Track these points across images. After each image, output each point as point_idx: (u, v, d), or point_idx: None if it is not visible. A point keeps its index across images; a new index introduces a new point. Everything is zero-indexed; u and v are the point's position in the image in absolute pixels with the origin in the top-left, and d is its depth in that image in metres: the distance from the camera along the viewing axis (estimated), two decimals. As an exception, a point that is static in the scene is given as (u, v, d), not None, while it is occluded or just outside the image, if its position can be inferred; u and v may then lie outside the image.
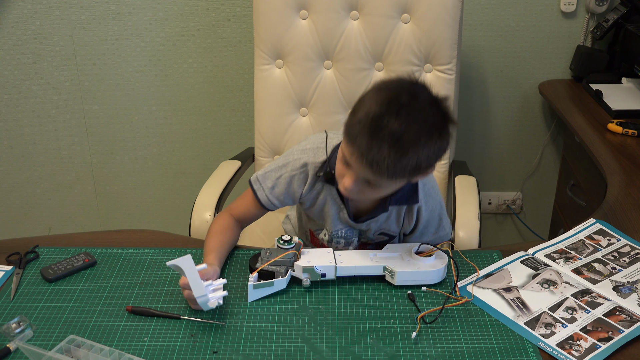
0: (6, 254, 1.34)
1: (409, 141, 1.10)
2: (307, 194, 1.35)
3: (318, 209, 1.38)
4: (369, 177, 1.16)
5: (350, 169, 1.18)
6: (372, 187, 1.19)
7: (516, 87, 2.37)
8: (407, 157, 1.10)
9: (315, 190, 1.35)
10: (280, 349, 1.10)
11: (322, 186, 1.34)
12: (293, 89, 1.87)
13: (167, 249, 1.37)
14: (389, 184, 1.19)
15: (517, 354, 1.09)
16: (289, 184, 1.34)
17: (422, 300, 1.22)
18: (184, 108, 2.44)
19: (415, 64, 1.80)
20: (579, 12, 2.25)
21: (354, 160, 1.14)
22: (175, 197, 2.60)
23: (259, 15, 1.84)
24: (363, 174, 1.16)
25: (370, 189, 1.20)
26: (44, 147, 2.53)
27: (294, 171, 1.34)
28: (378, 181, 1.16)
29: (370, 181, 1.17)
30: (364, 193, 1.22)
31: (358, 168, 1.15)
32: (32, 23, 2.31)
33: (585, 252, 1.35)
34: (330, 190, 1.34)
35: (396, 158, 1.10)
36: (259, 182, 1.36)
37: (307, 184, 1.34)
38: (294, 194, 1.35)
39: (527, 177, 2.53)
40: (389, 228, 1.39)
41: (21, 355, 1.08)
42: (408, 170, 1.13)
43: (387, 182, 1.17)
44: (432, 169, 1.19)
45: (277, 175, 1.35)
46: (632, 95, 2.09)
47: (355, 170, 1.17)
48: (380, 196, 1.27)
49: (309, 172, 1.33)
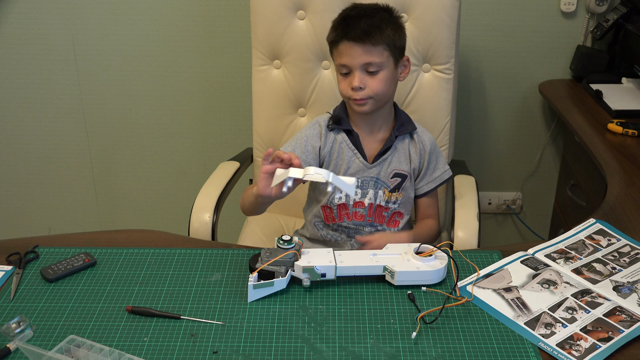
0: (6, 254, 1.34)
1: (372, 10, 1.48)
2: (324, 145, 1.56)
3: (336, 161, 1.55)
4: (361, 56, 1.43)
5: (349, 76, 1.46)
6: (372, 73, 1.45)
7: (516, 87, 2.37)
8: (377, 19, 1.45)
9: (330, 141, 1.56)
10: (280, 349, 1.10)
11: (335, 136, 1.56)
12: (291, 90, 1.87)
13: (167, 249, 1.37)
14: (379, 57, 1.44)
15: (517, 354, 1.09)
16: (307, 141, 1.55)
17: (422, 300, 1.22)
18: (183, 108, 2.44)
19: (414, 64, 1.80)
20: (579, 12, 2.25)
21: (344, 49, 1.45)
22: (175, 197, 2.60)
23: (256, 16, 1.84)
24: (357, 59, 1.44)
25: (372, 78, 1.46)
26: (44, 147, 2.53)
27: (307, 130, 1.57)
28: (371, 57, 1.43)
29: (367, 66, 1.44)
30: (370, 85, 1.46)
31: (351, 54, 1.44)
32: (32, 23, 2.31)
33: (585, 252, 1.35)
34: (343, 138, 1.55)
35: (369, 23, 1.43)
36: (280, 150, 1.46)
37: (322, 136, 1.56)
38: (314, 149, 1.55)
39: (527, 177, 2.53)
40: (399, 167, 1.56)
41: (21, 355, 1.08)
42: (384, 34, 1.44)
43: (378, 54, 1.44)
44: (404, 54, 1.52)
45: (294, 140, 1.56)
46: (632, 95, 2.09)
47: (350, 62, 1.44)
48: (383, 84, 1.47)
49: (322, 126, 1.57)
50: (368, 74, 1.46)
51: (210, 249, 1.38)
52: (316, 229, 1.62)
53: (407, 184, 1.57)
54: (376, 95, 1.48)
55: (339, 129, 1.56)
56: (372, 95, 1.47)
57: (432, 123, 1.83)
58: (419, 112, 1.84)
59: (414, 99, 1.83)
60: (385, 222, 1.58)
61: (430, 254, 1.27)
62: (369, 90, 1.46)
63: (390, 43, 1.46)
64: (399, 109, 1.60)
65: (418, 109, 1.83)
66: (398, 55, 1.50)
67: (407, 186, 1.58)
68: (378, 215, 1.58)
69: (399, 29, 1.49)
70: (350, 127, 1.55)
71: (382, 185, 1.56)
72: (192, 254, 1.36)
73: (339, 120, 1.56)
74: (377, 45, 1.44)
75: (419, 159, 1.57)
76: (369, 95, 1.47)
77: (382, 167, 1.55)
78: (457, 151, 2.17)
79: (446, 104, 1.82)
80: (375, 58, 1.45)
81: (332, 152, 1.56)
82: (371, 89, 1.46)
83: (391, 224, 1.59)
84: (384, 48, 1.45)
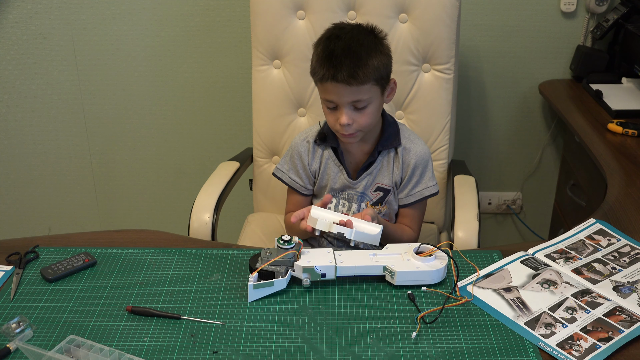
0: (6, 254, 1.34)
1: (358, 47, 1.40)
2: (312, 162, 1.57)
3: (322, 176, 1.57)
4: (349, 95, 1.40)
5: (336, 110, 1.44)
6: (359, 110, 1.43)
7: (516, 87, 2.37)
8: (363, 59, 1.39)
9: (317, 156, 1.57)
10: (280, 349, 1.10)
11: (322, 152, 1.57)
12: (291, 90, 1.87)
13: (167, 249, 1.38)
14: (367, 93, 1.41)
15: (517, 354, 1.09)
16: (299, 158, 1.57)
17: (422, 300, 1.22)
18: (183, 108, 2.44)
19: (413, 64, 1.80)
20: (579, 12, 2.25)
21: (331, 88, 1.41)
22: (175, 197, 2.60)
23: (256, 16, 1.84)
24: (344, 97, 1.40)
25: (360, 113, 1.43)
26: (44, 147, 2.53)
27: (298, 146, 1.58)
28: (358, 95, 1.40)
29: (354, 104, 1.42)
30: (358, 121, 1.43)
31: (338, 93, 1.40)
32: (32, 23, 2.31)
33: (585, 252, 1.35)
34: (329, 154, 1.56)
35: (355, 62, 1.38)
36: (280, 170, 1.61)
37: (310, 152, 1.57)
38: (305, 166, 1.57)
39: (527, 177, 2.53)
40: (382, 181, 1.54)
41: (21, 355, 1.08)
42: (371, 70, 1.39)
43: (365, 92, 1.40)
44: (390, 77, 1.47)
45: (288, 157, 1.60)
46: (632, 95, 2.09)
47: (338, 100, 1.41)
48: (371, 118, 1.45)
49: (310, 143, 1.57)
50: (356, 109, 1.43)
51: (210, 249, 1.38)
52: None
53: (391, 197, 1.56)
54: (364, 128, 1.46)
55: (325, 145, 1.56)
56: (360, 129, 1.45)
57: (432, 123, 1.83)
58: (418, 112, 1.84)
59: (414, 99, 1.83)
60: None
61: (430, 254, 1.27)
62: (357, 125, 1.44)
63: (377, 77, 1.42)
64: (389, 121, 1.55)
65: (418, 109, 1.83)
66: (385, 84, 1.46)
67: (391, 199, 1.56)
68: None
69: (385, 57, 1.44)
70: (336, 144, 1.55)
71: (366, 198, 1.56)
72: (192, 254, 1.36)
73: (325, 138, 1.55)
74: (365, 84, 1.40)
75: (401, 173, 1.54)
76: (357, 130, 1.45)
77: (366, 181, 1.55)
78: (457, 151, 2.17)
79: (446, 104, 1.82)
80: (363, 95, 1.41)
81: (319, 168, 1.58)
82: (359, 123, 1.44)
83: None
84: (371, 84, 1.41)
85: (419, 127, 1.84)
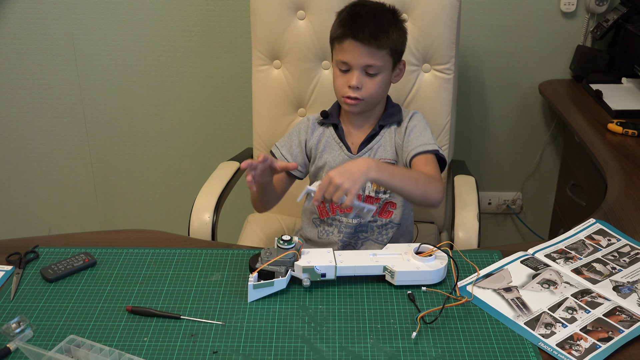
0: (6, 254, 1.34)
1: (380, 11, 1.47)
2: (310, 138, 1.58)
3: (321, 154, 1.58)
4: (365, 57, 1.43)
5: (347, 74, 1.47)
6: (370, 75, 1.46)
7: (516, 87, 2.37)
8: (385, 25, 1.44)
9: (317, 134, 1.59)
10: (280, 349, 1.10)
11: (323, 130, 1.59)
12: (291, 90, 1.87)
13: (167, 249, 1.38)
14: (381, 60, 1.45)
15: (517, 354, 1.09)
16: (297, 133, 1.60)
17: (422, 300, 1.22)
18: (183, 108, 2.44)
19: (413, 64, 1.80)
20: (579, 12, 2.25)
21: (349, 47, 1.44)
22: (175, 197, 2.60)
23: (256, 16, 1.84)
24: (360, 60, 1.44)
25: (370, 80, 1.46)
26: (44, 147, 2.53)
27: (300, 123, 1.62)
28: (373, 59, 1.44)
29: (367, 67, 1.45)
30: (367, 87, 1.47)
31: (354, 53, 1.44)
32: (32, 23, 2.31)
33: (585, 252, 1.35)
34: (330, 133, 1.58)
35: (377, 25, 1.43)
36: (276, 147, 1.62)
37: (310, 129, 1.59)
38: (300, 142, 1.59)
39: (527, 177, 2.53)
40: (385, 155, 1.55)
41: (21, 355, 1.08)
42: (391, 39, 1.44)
43: (381, 58, 1.45)
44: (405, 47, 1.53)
45: (287, 136, 1.62)
46: (632, 95, 2.09)
47: (352, 60, 1.44)
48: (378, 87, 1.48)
49: (310, 120, 1.60)
50: (367, 75, 1.47)
51: (210, 249, 1.38)
52: (314, 226, 1.62)
53: None
54: (369, 98, 1.49)
55: (327, 123, 1.59)
56: (365, 97, 1.48)
57: (432, 123, 1.83)
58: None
59: (413, 99, 1.83)
60: (377, 213, 1.58)
61: (430, 254, 1.27)
62: (365, 92, 1.47)
63: (394, 48, 1.47)
64: (392, 103, 1.60)
65: (418, 108, 1.83)
66: (397, 60, 1.51)
67: None
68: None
69: (402, 34, 1.51)
70: (337, 121, 1.58)
71: None
72: (192, 254, 1.36)
73: (327, 115, 1.59)
74: (382, 50, 1.45)
75: (403, 136, 1.54)
76: (363, 97, 1.47)
77: (367, 155, 1.56)
78: (457, 151, 2.17)
79: (446, 103, 1.82)
80: (377, 61, 1.45)
81: (318, 145, 1.59)
82: (367, 90, 1.47)
83: (384, 214, 1.58)
84: (387, 52, 1.46)
85: (419, 127, 1.84)
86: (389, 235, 1.59)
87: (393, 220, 1.58)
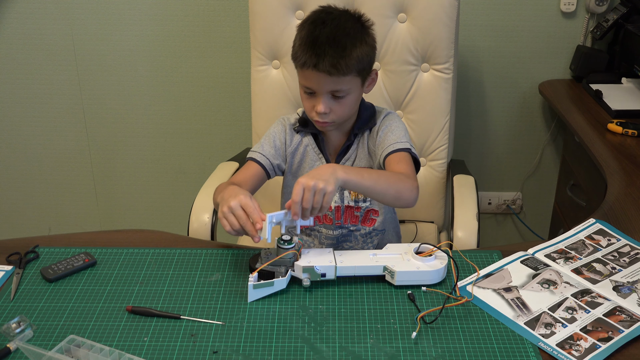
0: (6, 254, 1.34)
1: (342, 36, 1.35)
2: (289, 144, 1.54)
3: (299, 163, 1.54)
4: (329, 85, 1.36)
5: (314, 97, 1.40)
6: (338, 98, 1.39)
7: (516, 87, 2.37)
8: (347, 49, 1.34)
9: (295, 142, 1.54)
10: (280, 349, 1.10)
11: (301, 139, 1.54)
12: (290, 90, 1.87)
13: (167, 249, 1.38)
14: (347, 84, 1.38)
15: (517, 354, 1.09)
16: (274, 138, 1.54)
17: (422, 300, 1.22)
18: (182, 108, 2.44)
19: (412, 63, 1.80)
20: (579, 12, 2.25)
21: (311, 75, 1.36)
22: (175, 197, 2.60)
23: (255, 16, 1.84)
24: (324, 86, 1.37)
25: (338, 103, 1.40)
26: (44, 147, 2.53)
27: (273, 127, 1.56)
28: (338, 85, 1.37)
29: (333, 92, 1.38)
30: (335, 110, 1.41)
31: (317, 82, 1.37)
32: (32, 23, 2.31)
33: (585, 252, 1.35)
34: (309, 141, 1.54)
35: (338, 52, 1.33)
36: (253, 150, 1.54)
37: (287, 135, 1.54)
38: (280, 147, 1.54)
39: (527, 177, 2.53)
40: (361, 164, 1.52)
41: (21, 355, 1.08)
42: (354, 61, 1.35)
43: (346, 83, 1.37)
44: (372, 68, 1.43)
45: (263, 138, 1.55)
46: (632, 95, 2.09)
47: (317, 88, 1.38)
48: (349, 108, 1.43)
49: (286, 126, 1.55)
50: (334, 98, 1.39)
51: (210, 249, 1.38)
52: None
53: None
54: (339, 119, 1.43)
55: (305, 131, 1.54)
56: (335, 119, 1.42)
57: (432, 123, 1.83)
58: (418, 111, 1.84)
59: (412, 99, 1.83)
60: (359, 222, 1.55)
61: (430, 254, 1.27)
62: (333, 115, 1.41)
63: (360, 68, 1.38)
64: (366, 105, 1.53)
65: (417, 108, 1.83)
66: (366, 74, 1.42)
67: None
68: (349, 216, 1.55)
69: (368, 48, 1.40)
70: (317, 130, 1.51)
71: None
72: (192, 254, 1.36)
73: (306, 124, 1.52)
74: (347, 75, 1.36)
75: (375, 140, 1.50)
76: (332, 120, 1.42)
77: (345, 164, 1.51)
78: (457, 151, 2.17)
79: (445, 103, 1.82)
80: (343, 86, 1.38)
81: (295, 153, 1.54)
82: (336, 113, 1.41)
83: (367, 222, 1.56)
84: (353, 75, 1.38)
85: (418, 127, 1.84)
86: (374, 242, 1.58)
87: (377, 228, 1.57)
